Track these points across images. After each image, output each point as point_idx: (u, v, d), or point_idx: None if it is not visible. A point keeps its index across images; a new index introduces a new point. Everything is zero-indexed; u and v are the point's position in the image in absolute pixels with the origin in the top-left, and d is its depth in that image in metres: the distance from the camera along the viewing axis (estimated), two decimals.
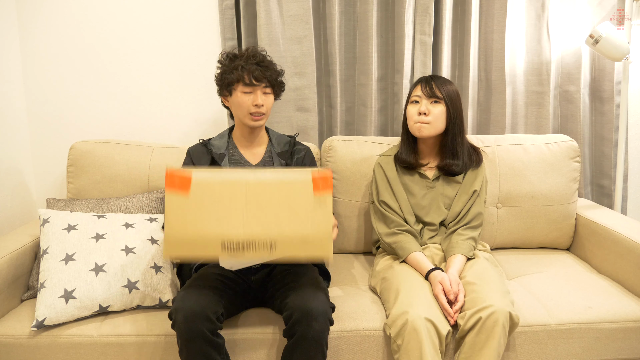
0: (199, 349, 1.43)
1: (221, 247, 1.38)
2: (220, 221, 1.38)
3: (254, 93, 1.74)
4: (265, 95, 1.76)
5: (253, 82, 1.73)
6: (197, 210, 1.38)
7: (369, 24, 2.25)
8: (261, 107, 1.74)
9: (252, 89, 1.74)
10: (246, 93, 1.75)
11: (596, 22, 2.33)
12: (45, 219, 1.77)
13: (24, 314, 1.67)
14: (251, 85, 1.73)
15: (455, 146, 1.84)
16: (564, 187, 2.11)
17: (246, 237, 1.38)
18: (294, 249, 1.40)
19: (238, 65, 1.74)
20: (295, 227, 1.40)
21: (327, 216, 1.40)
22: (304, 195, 1.39)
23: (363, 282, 1.90)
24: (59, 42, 2.28)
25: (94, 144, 2.13)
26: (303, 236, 1.39)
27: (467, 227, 1.81)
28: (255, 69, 1.73)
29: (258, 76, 1.73)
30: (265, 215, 1.39)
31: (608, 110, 2.39)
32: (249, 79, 1.73)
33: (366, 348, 1.60)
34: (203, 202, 1.38)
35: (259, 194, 1.39)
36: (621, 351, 1.64)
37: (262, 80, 1.74)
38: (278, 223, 1.39)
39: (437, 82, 1.82)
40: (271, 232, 1.39)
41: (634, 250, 1.79)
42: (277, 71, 1.80)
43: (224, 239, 1.37)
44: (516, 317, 1.51)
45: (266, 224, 1.39)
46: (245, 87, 1.74)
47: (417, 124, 1.81)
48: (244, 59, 1.75)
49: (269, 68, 1.76)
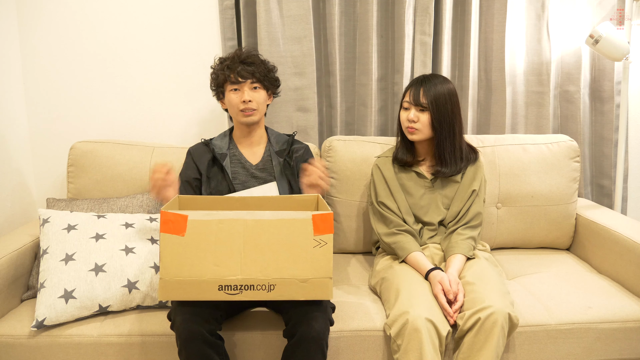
0: (198, 350, 1.43)
1: (218, 289, 1.36)
2: (217, 263, 1.36)
3: (241, 90, 1.80)
4: (253, 90, 1.80)
5: (239, 79, 1.79)
6: (193, 251, 1.35)
7: (369, 24, 2.25)
8: (249, 102, 1.78)
9: (239, 86, 1.80)
10: (234, 91, 1.81)
11: (596, 22, 2.33)
12: (45, 219, 1.77)
13: (24, 314, 1.67)
14: (237, 83, 1.79)
15: (442, 152, 1.82)
16: (564, 187, 2.11)
17: (244, 280, 1.36)
18: (293, 291, 1.38)
19: (225, 66, 1.81)
20: (295, 269, 1.38)
21: (327, 257, 1.37)
22: (304, 235, 1.36)
23: (363, 282, 1.90)
24: (59, 42, 2.28)
25: (94, 144, 2.13)
26: (303, 278, 1.38)
27: (466, 227, 1.81)
28: (241, 67, 1.79)
29: (243, 73, 1.78)
30: (263, 257, 1.36)
31: (608, 110, 2.39)
32: (235, 77, 1.78)
33: (366, 348, 1.60)
34: (199, 242, 1.35)
35: (257, 235, 1.36)
36: (621, 351, 1.64)
37: (248, 76, 1.79)
38: (277, 265, 1.37)
39: (426, 86, 1.78)
40: (270, 275, 1.37)
41: (634, 250, 1.79)
42: (265, 67, 1.84)
43: (221, 282, 1.36)
44: (515, 318, 1.51)
45: (265, 266, 1.37)
46: (232, 85, 1.80)
47: (408, 129, 1.82)
48: (230, 59, 1.82)
49: (255, 64, 1.81)
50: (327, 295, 1.39)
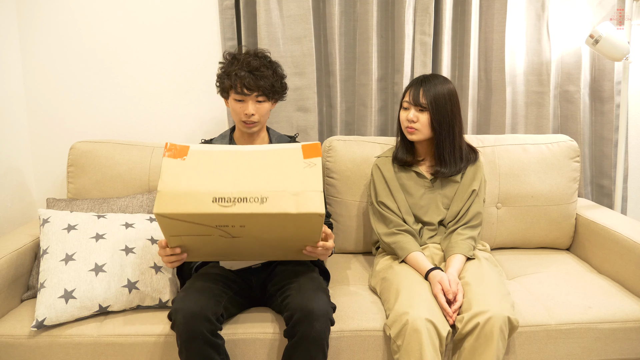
0: (199, 350, 1.43)
1: (212, 201, 1.38)
2: (212, 180, 1.41)
3: (245, 102, 1.72)
4: (258, 103, 1.73)
5: (244, 91, 1.70)
6: (192, 171, 1.41)
7: (369, 24, 2.25)
8: (252, 116, 1.72)
9: (244, 98, 1.71)
10: (238, 101, 1.73)
11: (596, 22, 2.33)
12: (45, 219, 1.77)
13: (24, 314, 1.67)
14: (242, 94, 1.71)
15: (442, 152, 1.83)
16: (563, 187, 2.11)
17: (237, 192, 1.38)
18: (284, 203, 1.38)
19: (232, 71, 1.71)
20: (287, 183, 1.41)
21: (317, 176, 1.41)
22: (294, 159, 1.43)
23: (363, 282, 1.90)
24: (59, 42, 2.28)
25: (94, 144, 2.13)
26: (294, 192, 1.40)
27: (466, 227, 1.81)
28: (248, 78, 1.68)
29: (250, 86, 1.69)
30: (256, 175, 1.42)
31: (608, 110, 2.39)
32: (241, 88, 1.70)
33: (366, 348, 1.60)
34: (198, 165, 1.42)
35: (251, 159, 1.43)
36: (621, 351, 1.64)
37: (254, 89, 1.70)
38: (269, 180, 1.41)
39: (426, 86, 1.78)
40: (262, 187, 1.40)
41: (634, 250, 1.79)
42: (274, 77, 1.74)
43: (215, 194, 1.38)
44: (515, 321, 1.51)
45: (257, 181, 1.41)
46: (237, 95, 1.72)
47: (408, 129, 1.82)
48: (239, 64, 1.71)
49: (264, 76, 1.70)
50: (319, 207, 1.38)
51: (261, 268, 1.73)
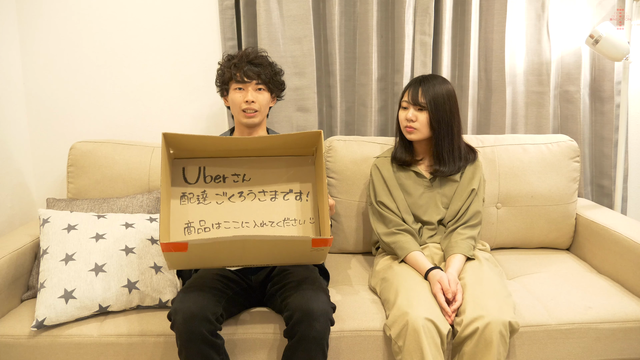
0: (198, 350, 1.43)
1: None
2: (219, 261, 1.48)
3: (246, 90, 1.80)
4: (258, 92, 1.80)
5: (244, 79, 1.78)
6: (196, 258, 1.43)
7: (369, 24, 2.25)
8: (252, 103, 1.78)
9: (244, 86, 1.80)
10: (238, 90, 1.80)
11: (596, 22, 2.33)
12: (45, 219, 1.77)
13: (24, 314, 1.67)
14: (242, 82, 1.79)
15: (441, 152, 1.83)
16: (563, 187, 2.11)
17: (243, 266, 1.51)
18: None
19: (232, 64, 1.81)
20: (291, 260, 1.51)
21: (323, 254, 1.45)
22: (302, 248, 1.41)
23: (363, 282, 1.90)
24: (58, 42, 2.27)
25: (94, 144, 2.13)
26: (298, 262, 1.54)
27: (466, 226, 1.81)
28: (247, 67, 1.78)
29: (249, 73, 1.78)
30: (262, 256, 1.45)
31: (608, 110, 2.39)
32: (241, 76, 1.78)
33: (366, 348, 1.60)
34: (202, 254, 1.40)
35: (256, 247, 1.40)
36: (621, 351, 1.64)
37: (254, 77, 1.79)
38: (274, 258, 1.48)
39: (425, 86, 1.79)
40: (267, 262, 1.50)
41: (634, 250, 1.79)
42: (272, 69, 1.83)
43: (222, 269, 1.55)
44: (516, 324, 1.50)
45: (262, 260, 1.48)
46: (237, 84, 1.80)
47: (406, 129, 1.82)
48: (238, 57, 1.81)
49: (262, 65, 1.81)
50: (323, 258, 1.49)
51: (261, 268, 1.73)
